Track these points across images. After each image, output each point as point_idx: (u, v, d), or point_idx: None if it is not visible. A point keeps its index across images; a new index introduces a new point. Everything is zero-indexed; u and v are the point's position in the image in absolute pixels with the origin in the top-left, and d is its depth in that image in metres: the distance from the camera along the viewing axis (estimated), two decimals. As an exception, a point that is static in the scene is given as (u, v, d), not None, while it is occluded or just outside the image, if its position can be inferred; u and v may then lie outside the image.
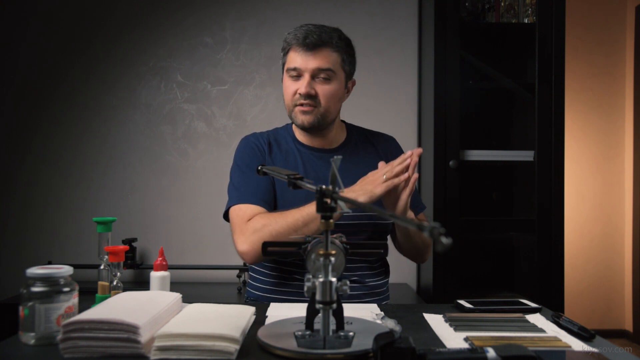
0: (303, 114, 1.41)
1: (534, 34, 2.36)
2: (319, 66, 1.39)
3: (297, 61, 1.39)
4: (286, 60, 1.44)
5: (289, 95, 1.43)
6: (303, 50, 1.39)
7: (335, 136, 1.52)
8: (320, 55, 1.39)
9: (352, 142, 1.54)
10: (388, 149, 1.55)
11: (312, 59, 1.38)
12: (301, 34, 1.39)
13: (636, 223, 3.34)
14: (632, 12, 3.42)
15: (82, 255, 2.60)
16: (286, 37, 1.44)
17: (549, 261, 2.33)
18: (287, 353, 0.84)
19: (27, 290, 0.93)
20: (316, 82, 1.40)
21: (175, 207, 2.70)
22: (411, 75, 2.73)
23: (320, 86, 1.40)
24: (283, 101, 1.46)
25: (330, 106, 1.42)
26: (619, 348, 0.92)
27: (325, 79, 1.40)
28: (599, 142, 3.48)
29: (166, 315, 0.95)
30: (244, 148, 1.49)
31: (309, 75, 1.39)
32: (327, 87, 1.41)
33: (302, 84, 1.40)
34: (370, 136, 1.58)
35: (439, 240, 0.63)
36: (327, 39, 1.39)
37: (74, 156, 2.70)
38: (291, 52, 1.41)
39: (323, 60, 1.39)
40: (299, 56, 1.39)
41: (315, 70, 1.39)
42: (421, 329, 1.02)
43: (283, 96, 1.46)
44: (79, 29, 2.72)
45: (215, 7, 2.73)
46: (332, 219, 0.87)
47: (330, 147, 1.50)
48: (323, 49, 1.39)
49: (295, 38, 1.40)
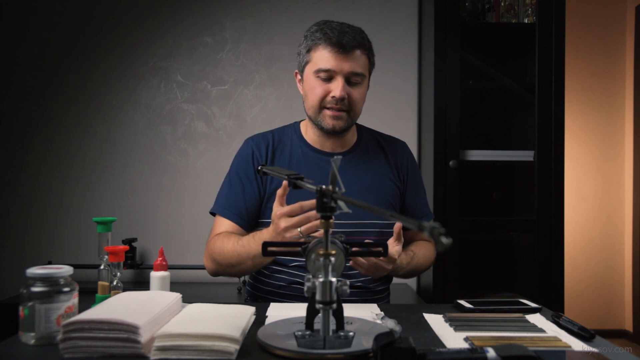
0: (334, 118, 1.36)
1: (534, 34, 2.36)
2: (354, 70, 1.33)
3: (330, 62, 1.32)
4: (311, 59, 1.36)
5: (316, 96, 1.36)
6: (336, 51, 1.32)
7: (348, 138, 1.48)
8: (354, 58, 1.33)
9: (363, 145, 1.50)
10: (398, 154, 1.52)
11: (347, 62, 1.32)
12: (333, 33, 1.32)
13: (636, 223, 3.34)
14: (632, 12, 3.42)
15: (82, 255, 2.60)
16: (313, 34, 1.35)
17: (549, 261, 2.33)
18: (287, 353, 0.84)
19: (27, 290, 0.93)
20: (349, 85, 1.35)
21: (175, 207, 2.70)
22: (411, 75, 2.73)
23: (353, 90, 1.35)
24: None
25: (359, 110, 1.40)
26: (619, 348, 0.92)
27: (357, 83, 1.35)
28: (599, 142, 3.48)
29: (166, 315, 0.95)
30: (240, 154, 1.48)
31: (343, 78, 1.33)
32: (359, 90, 1.37)
33: (335, 87, 1.33)
34: (381, 139, 1.54)
35: (439, 240, 0.63)
36: (360, 41, 1.34)
37: (74, 156, 2.70)
38: (320, 50, 1.34)
39: (356, 63, 1.34)
40: (331, 57, 1.32)
41: (349, 73, 1.33)
42: (421, 329, 1.02)
43: (306, 97, 1.40)
44: (79, 29, 2.72)
45: (215, 7, 2.73)
46: (332, 219, 0.87)
47: (341, 150, 1.46)
48: (356, 51, 1.33)
49: (326, 37, 1.32)
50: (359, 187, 1.42)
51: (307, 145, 1.47)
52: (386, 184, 1.47)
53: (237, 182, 1.44)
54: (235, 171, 1.46)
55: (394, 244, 1.24)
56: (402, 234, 1.52)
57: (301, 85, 1.44)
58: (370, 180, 1.45)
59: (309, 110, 1.41)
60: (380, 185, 1.46)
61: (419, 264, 1.43)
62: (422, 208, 1.54)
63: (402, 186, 1.50)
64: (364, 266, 1.23)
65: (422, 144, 2.62)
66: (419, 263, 1.42)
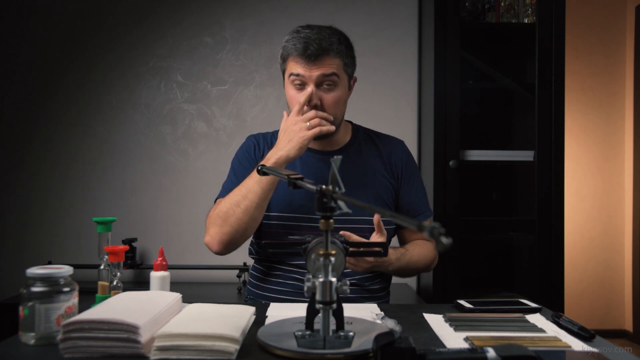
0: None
1: (534, 34, 2.35)
2: (323, 72, 1.35)
3: (299, 69, 1.36)
4: (286, 68, 1.41)
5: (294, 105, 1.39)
6: (304, 61, 1.35)
7: (339, 138, 1.50)
8: (322, 63, 1.35)
9: (356, 143, 1.52)
10: (393, 152, 1.53)
11: (315, 68, 1.35)
12: (300, 44, 1.35)
13: (636, 223, 3.34)
14: (632, 12, 3.42)
15: (82, 255, 2.60)
16: (285, 45, 1.39)
17: (549, 261, 2.33)
18: (287, 353, 0.84)
19: (27, 290, 0.93)
20: (321, 90, 1.37)
21: (175, 207, 2.70)
22: (411, 75, 2.73)
23: (326, 95, 1.37)
24: (285, 102, 1.46)
25: (337, 112, 1.41)
26: (619, 348, 0.92)
27: (329, 85, 1.37)
28: (599, 142, 3.48)
29: (166, 315, 0.95)
30: (243, 147, 1.54)
31: (314, 85, 1.36)
32: (333, 94, 1.38)
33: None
34: (376, 138, 1.56)
35: (439, 240, 0.63)
36: (328, 46, 1.35)
37: (74, 156, 2.70)
38: (291, 61, 1.38)
39: (326, 67, 1.35)
40: (300, 66, 1.36)
41: (319, 77, 1.36)
42: (421, 329, 1.02)
43: (287, 104, 1.44)
44: (79, 29, 2.72)
45: (215, 7, 2.73)
46: (332, 219, 0.87)
47: (332, 148, 1.48)
48: (325, 57, 1.35)
49: (294, 48, 1.36)
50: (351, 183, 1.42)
51: None
52: (379, 180, 1.48)
53: (241, 170, 1.47)
54: (239, 162, 1.50)
55: (376, 237, 1.28)
56: (402, 234, 1.52)
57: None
58: (363, 176, 1.46)
59: None
60: (372, 180, 1.47)
61: (412, 261, 1.41)
62: (419, 205, 1.53)
63: (395, 183, 1.50)
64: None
65: (422, 144, 2.62)
66: (412, 260, 1.41)
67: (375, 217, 1.28)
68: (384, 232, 1.29)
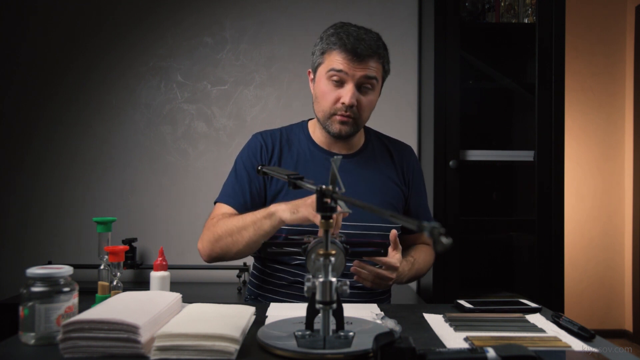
0: (342, 124, 1.37)
1: (534, 34, 2.35)
2: (366, 73, 1.33)
3: (343, 65, 1.32)
4: (324, 61, 1.37)
5: (328, 101, 1.36)
6: (351, 57, 1.32)
7: (355, 141, 1.49)
8: (367, 65, 1.33)
9: (370, 147, 1.52)
10: (404, 158, 1.54)
11: (360, 68, 1.33)
12: (349, 39, 1.31)
13: (636, 223, 3.34)
14: (632, 12, 3.42)
15: (82, 255, 2.60)
16: (328, 38, 1.35)
17: (549, 261, 2.33)
18: (287, 353, 0.84)
19: (27, 290, 0.93)
20: (359, 92, 1.35)
21: (175, 207, 2.70)
22: (411, 75, 2.73)
23: (363, 97, 1.36)
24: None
25: (367, 117, 1.41)
26: (619, 348, 0.92)
27: (368, 88, 1.36)
28: (599, 142, 3.48)
29: (166, 315, 0.95)
30: (248, 147, 1.49)
31: (354, 85, 1.34)
32: (369, 97, 1.38)
33: (345, 94, 1.34)
34: (388, 143, 1.56)
35: (439, 240, 0.63)
36: (376, 49, 1.33)
37: (74, 156, 2.70)
38: (334, 55, 1.33)
39: (370, 70, 1.34)
40: (344, 63, 1.32)
41: (361, 77, 1.34)
42: (421, 329, 1.02)
43: (316, 99, 1.41)
44: (79, 29, 2.72)
45: (215, 7, 2.73)
46: (332, 219, 0.87)
47: (348, 152, 1.47)
48: (370, 59, 1.33)
49: (341, 42, 1.32)
50: (364, 190, 1.42)
51: (315, 145, 1.47)
52: (391, 187, 1.48)
53: (243, 173, 1.44)
54: (242, 163, 1.46)
55: (393, 253, 1.24)
56: (403, 238, 1.52)
57: (313, 85, 1.44)
58: (376, 183, 1.46)
59: (318, 113, 1.42)
60: (385, 188, 1.47)
61: (419, 269, 1.43)
62: (424, 213, 1.55)
63: (406, 190, 1.51)
64: (368, 278, 1.23)
65: (422, 144, 2.62)
66: (419, 268, 1.43)
67: (392, 232, 1.25)
68: (399, 247, 1.26)
